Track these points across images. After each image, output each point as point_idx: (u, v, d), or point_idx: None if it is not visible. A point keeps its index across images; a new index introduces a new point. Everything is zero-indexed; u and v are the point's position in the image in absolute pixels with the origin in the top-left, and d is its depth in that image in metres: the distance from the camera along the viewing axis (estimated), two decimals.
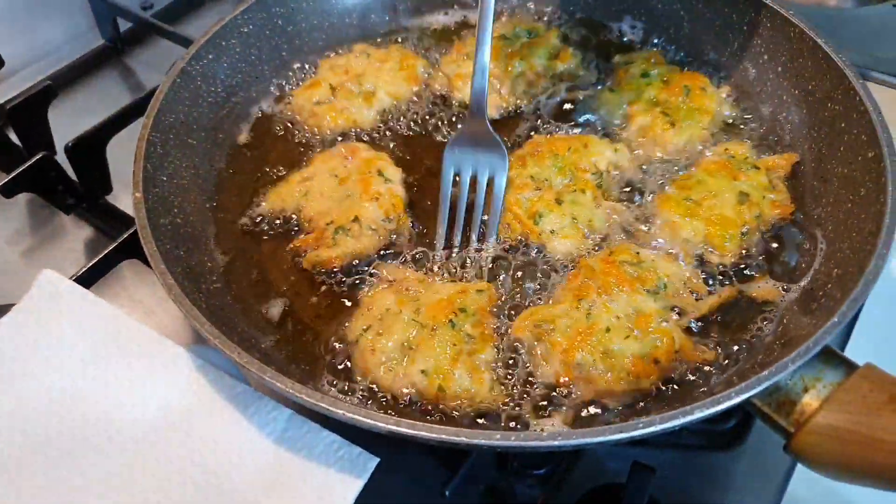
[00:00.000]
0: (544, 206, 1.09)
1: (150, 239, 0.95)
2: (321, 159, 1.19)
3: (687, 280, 1.01)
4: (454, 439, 0.76)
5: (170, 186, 1.09)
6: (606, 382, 0.90)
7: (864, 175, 1.01)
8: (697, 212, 1.06)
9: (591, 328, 0.93)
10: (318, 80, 1.29)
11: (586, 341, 0.92)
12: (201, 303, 0.93)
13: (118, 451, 0.87)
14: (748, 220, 1.06)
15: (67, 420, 0.89)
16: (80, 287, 1.00)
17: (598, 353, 0.91)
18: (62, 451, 0.87)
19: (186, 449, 0.87)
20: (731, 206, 1.07)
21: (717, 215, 1.06)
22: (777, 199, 1.10)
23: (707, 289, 1.02)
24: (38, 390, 0.91)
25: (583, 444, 0.75)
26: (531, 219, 1.08)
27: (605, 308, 0.95)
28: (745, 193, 1.08)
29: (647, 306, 0.96)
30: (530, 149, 1.16)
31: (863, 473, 0.77)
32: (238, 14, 1.26)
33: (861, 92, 1.06)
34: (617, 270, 0.98)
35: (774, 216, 1.08)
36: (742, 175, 1.11)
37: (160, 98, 1.12)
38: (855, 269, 0.91)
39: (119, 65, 1.67)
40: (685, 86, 1.23)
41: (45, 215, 1.35)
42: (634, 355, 0.91)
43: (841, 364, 0.83)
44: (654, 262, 1.01)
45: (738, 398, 0.77)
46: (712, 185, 1.09)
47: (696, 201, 1.08)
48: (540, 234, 1.07)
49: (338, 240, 1.06)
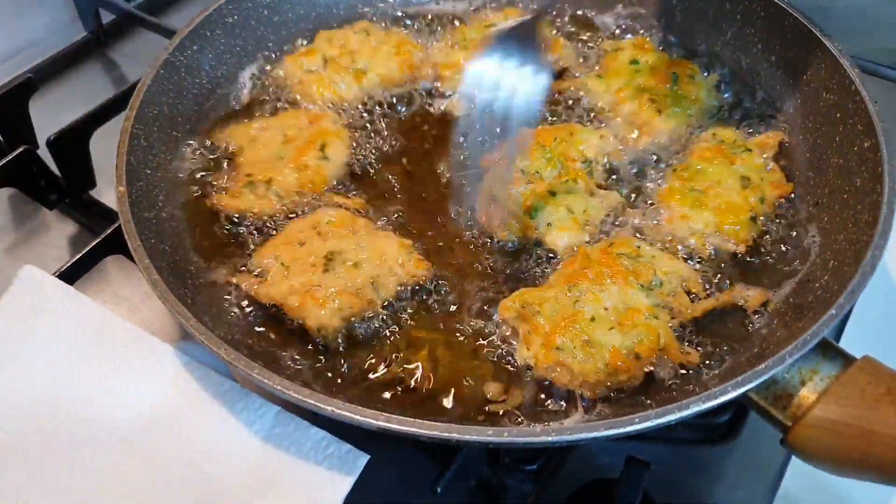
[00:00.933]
0: (538, 199, 1.07)
1: (134, 234, 0.93)
2: (286, 116, 1.21)
3: (686, 279, 1.00)
4: (445, 435, 0.75)
5: (154, 180, 1.07)
6: (583, 371, 0.89)
7: (860, 165, 1.00)
8: (705, 202, 1.05)
9: (576, 315, 0.92)
10: (313, 49, 1.29)
11: (569, 328, 0.91)
12: (187, 298, 0.91)
13: (103, 449, 0.86)
14: (753, 205, 1.05)
15: (50, 419, 0.87)
16: (62, 283, 0.98)
17: (578, 341, 0.90)
18: (45, 450, 0.85)
19: (173, 447, 0.86)
20: (737, 191, 1.06)
21: (725, 203, 1.04)
22: (774, 179, 1.09)
23: (706, 291, 1.00)
24: (20, 389, 0.89)
25: (577, 439, 0.74)
26: (527, 214, 1.07)
27: (593, 297, 0.94)
28: (746, 177, 1.07)
29: (637, 301, 0.94)
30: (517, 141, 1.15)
31: (861, 467, 0.77)
32: (223, 3, 1.24)
33: (857, 82, 1.05)
34: (613, 262, 0.97)
35: (775, 197, 1.07)
36: (738, 159, 1.10)
37: (143, 90, 1.10)
38: (851, 259, 0.90)
39: (102, 57, 1.63)
40: (673, 73, 1.22)
41: (28, 211, 1.32)
42: (615, 348, 0.90)
43: (838, 357, 0.82)
44: (653, 257, 1.00)
45: (734, 392, 0.76)
46: (713, 173, 1.08)
47: (702, 191, 1.06)
48: (537, 229, 1.06)
49: (243, 192, 1.09)
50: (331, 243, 1.02)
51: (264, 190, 1.09)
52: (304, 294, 0.96)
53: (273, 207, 1.09)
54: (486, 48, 1.00)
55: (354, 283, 0.97)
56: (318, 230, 1.04)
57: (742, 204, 1.05)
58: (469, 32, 1.33)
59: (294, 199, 1.10)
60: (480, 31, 1.32)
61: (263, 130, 1.18)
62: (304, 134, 1.16)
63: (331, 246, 1.01)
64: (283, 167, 1.11)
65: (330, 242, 1.02)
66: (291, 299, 0.96)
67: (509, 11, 1.37)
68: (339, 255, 1.00)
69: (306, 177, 1.11)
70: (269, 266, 1.01)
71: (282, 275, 0.99)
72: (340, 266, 0.98)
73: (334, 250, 1.00)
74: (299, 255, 1.01)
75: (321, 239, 1.03)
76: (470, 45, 1.29)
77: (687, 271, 1.00)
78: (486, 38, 1.05)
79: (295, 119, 1.20)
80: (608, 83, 1.24)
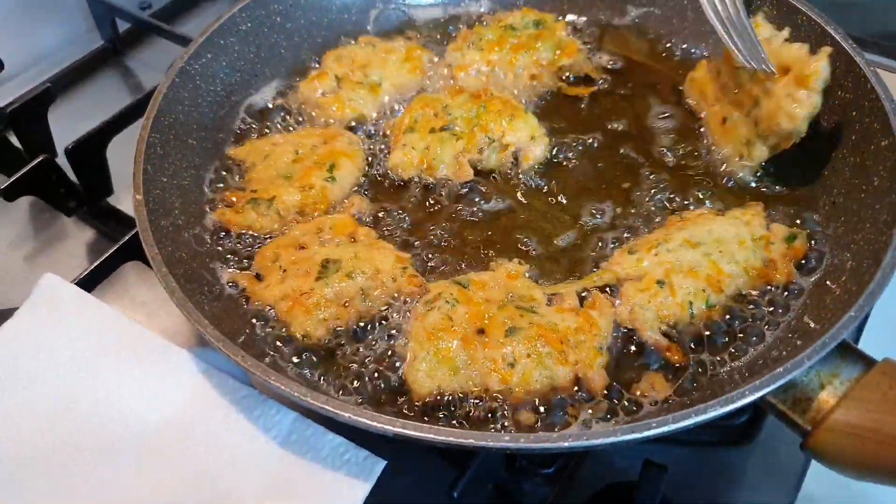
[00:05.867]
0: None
1: (151, 241, 0.94)
2: (302, 133, 1.22)
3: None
4: (462, 441, 0.75)
5: (170, 188, 1.08)
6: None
7: (878, 164, 0.99)
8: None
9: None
10: (323, 72, 1.28)
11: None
12: (204, 305, 0.92)
13: (122, 454, 0.87)
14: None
15: (71, 424, 0.89)
16: (81, 290, 0.99)
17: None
18: (65, 455, 0.86)
19: (191, 452, 0.87)
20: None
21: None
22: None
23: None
24: (41, 395, 0.90)
25: (594, 445, 0.74)
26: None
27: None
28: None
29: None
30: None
31: (884, 472, 0.76)
32: (236, 12, 1.25)
33: (872, 79, 1.03)
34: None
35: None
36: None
37: (159, 98, 1.11)
38: (871, 260, 0.89)
39: (118, 65, 1.66)
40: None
41: (47, 218, 1.35)
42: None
43: (858, 360, 0.81)
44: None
45: (752, 396, 0.76)
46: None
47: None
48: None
49: (245, 208, 1.09)
50: (328, 250, 1.02)
51: (266, 208, 1.09)
52: (294, 300, 0.96)
53: (273, 225, 1.09)
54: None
55: (345, 294, 0.97)
56: (319, 235, 1.05)
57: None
58: (485, 33, 1.32)
59: (295, 218, 1.10)
60: (497, 30, 1.32)
61: (277, 146, 1.18)
62: (315, 153, 1.16)
63: (328, 253, 1.01)
64: (288, 186, 1.11)
65: (328, 249, 1.02)
66: (282, 304, 0.97)
67: (527, 12, 1.37)
68: (334, 264, 0.99)
69: (309, 197, 1.11)
70: (269, 268, 1.02)
71: (278, 278, 1.00)
72: (334, 275, 0.98)
73: (330, 258, 1.00)
74: (297, 260, 1.01)
75: (321, 244, 1.03)
76: (486, 46, 1.29)
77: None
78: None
79: (310, 137, 1.20)
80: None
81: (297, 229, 1.07)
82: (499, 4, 1.44)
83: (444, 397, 0.89)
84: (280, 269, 1.01)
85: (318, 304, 0.95)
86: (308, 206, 1.11)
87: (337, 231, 1.05)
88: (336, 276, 0.98)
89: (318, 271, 0.98)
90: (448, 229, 1.11)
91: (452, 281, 0.99)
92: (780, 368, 0.77)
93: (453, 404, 0.89)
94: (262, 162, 1.16)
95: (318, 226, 1.06)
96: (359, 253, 1.01)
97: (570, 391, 0.89)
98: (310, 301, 0.95)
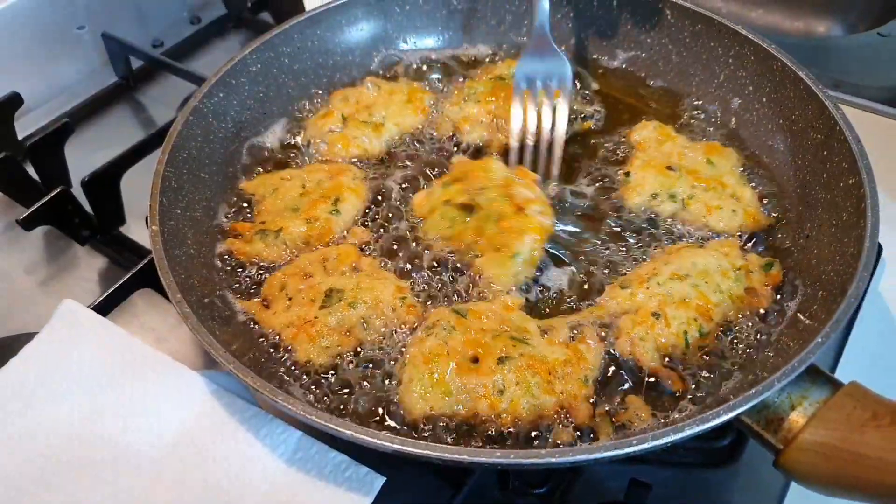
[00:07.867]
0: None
1: (166, 270, 0.99)
2: (310, 168, 1.27)
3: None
4: (456, 457, 0.80)
5: (183, 219, 1.14)
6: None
7: (846, 200, 1.05)
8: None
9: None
10: (330, 111, 1.35)
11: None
12: (215, 330, 0.97)
13: (135, 472, 0.90)
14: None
15: (86, 443, 0.92)
16: (99, 316, 1.04)
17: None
18: (81, 472, 0.90)
19: (201, 470, 0.90)
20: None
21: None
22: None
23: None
24: (59, 415, 0.94)
25: (578, 461, 0.79)
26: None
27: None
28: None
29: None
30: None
31: (849, 488, 0.80)
32: (247, 54, 1.31)
33: (841, 122, 1.10)
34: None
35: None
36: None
37: (174, 135, 1.16)
38: (838, 291, 0.95)
39: (131, 100, 1.72)
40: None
41: (61, 246, 1.39)
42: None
43: (826, 383, 0.86)
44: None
45: (726, 416, 0.81)
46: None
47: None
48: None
49: (254, 239, 1.15)
50: (332, 279, 1.07)
51: (273, 238, 1.14)
52: (299, 327, 1.02)
53: (280, 255, 1.14)
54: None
55: (346, 322, 1.02)
56: (324, 264, 1.10)
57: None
58: (477, 86, 1.37)
59: (300, 248, 1.16)
60: (488, 83, 1.37)
61: (285, 181, 1.24)
62: (321, 187, 1.21)
63: (332, 282, 1.06)
64: (294, 218, 1.16)
65: (332, 279, 1.07)
66: (288, 331, 1.02)
67: (511, 62, 1.41)
68: (337, 293, 1.04)
69: (314, 229, 1.16)
70: (276, 296, 1.07)
71: (284, 305, 1.05)
72: (337, 304, 1.03)
73: (334, 287, 1.05)
74: (303, 288, 1.06)
75: (326, 274, 1.08)
76: (481, 98, 1.34)
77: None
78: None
79: (318, 172, 1.25)
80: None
81: (303, 258, 1.13)
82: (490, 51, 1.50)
83: (435, 419, 0.94)
84: (286, 296, 1.06)
85: (321, 333, 1.01)
86: (313, 238, 1.16)
87: (341, 260, 1.10)
88: (339, 305, 1.03)
89: (322, 300, 1.04)
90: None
91: (451, 309, 1.04)
92: (752, 390, 0.83)
93: (444, 425, 0.94)
94: (270, 195, 1.22)
95: (324, 255, 1.12)
96: (361, 283, 1.06)
97: (557, 419, 0.94)
98: (314, 329, 1.01)
